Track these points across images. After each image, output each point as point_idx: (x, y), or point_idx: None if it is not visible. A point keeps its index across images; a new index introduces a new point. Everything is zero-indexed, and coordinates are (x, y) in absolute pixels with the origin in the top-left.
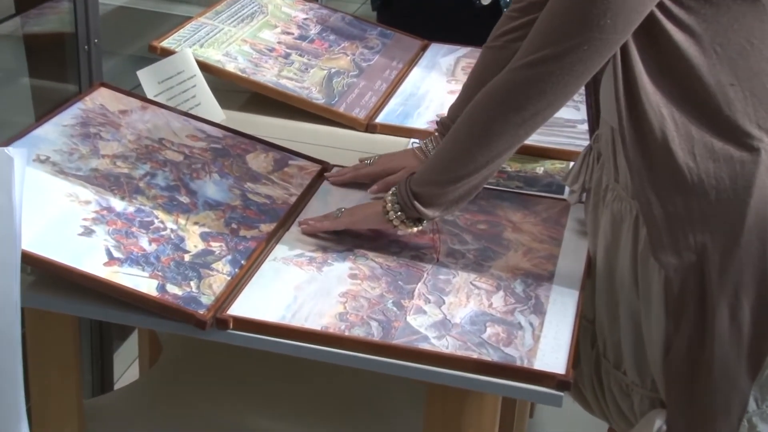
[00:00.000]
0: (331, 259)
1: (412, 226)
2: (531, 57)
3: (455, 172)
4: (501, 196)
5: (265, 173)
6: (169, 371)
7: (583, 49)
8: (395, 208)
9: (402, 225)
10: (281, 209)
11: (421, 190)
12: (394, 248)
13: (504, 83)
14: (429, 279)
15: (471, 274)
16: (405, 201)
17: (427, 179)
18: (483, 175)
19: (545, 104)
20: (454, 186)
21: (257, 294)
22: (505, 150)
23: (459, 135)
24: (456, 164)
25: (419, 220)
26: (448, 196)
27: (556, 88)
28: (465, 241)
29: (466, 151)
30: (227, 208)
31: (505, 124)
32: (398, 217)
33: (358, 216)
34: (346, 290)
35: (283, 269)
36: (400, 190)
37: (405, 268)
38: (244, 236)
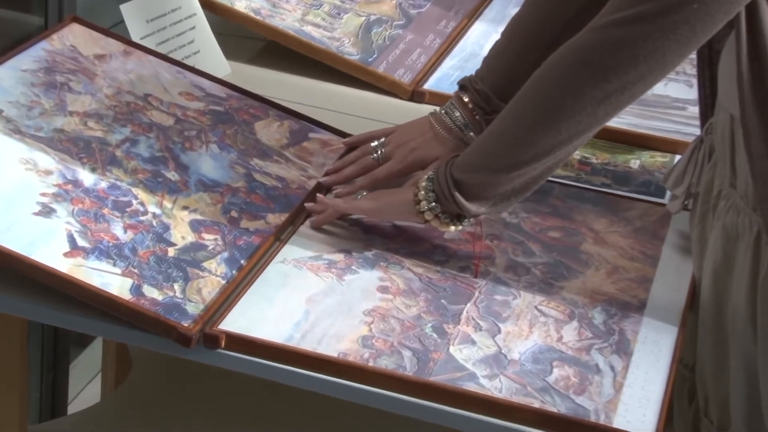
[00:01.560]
0: (357, 265)
1: (449, 224)
2: (621, 13)
3: (512, 157)
4: (581, 195)
5: (278, 148)
6: (140, 394)
7: (692, 7)
8: (429, 197)
9: (436, 220)
10: (296, 196)
11: (466, 177)
12: (439, 256)
13: (582, 46)
14: (481, 299)
15: (537, 296)
16: (443, 190)
17: (475, 164)
18: (546, 165)
19: (636, 76)
20: (507, 175)
21: (258, 305)
22: (578, 134)
23: (519, 109)
24: (513, 147)
25: (459, 218)
26: (498, 187)
27: (652, 57)
28: (531, 252)
29: (527, 132)
30: (227, 190)
31: (580, 100)
32: (432, 210)
33: (381, 202)
34: (374, 307)
35: (294, 275)
36: (438, 176)
37: (451, 283)
38: (246, 228)
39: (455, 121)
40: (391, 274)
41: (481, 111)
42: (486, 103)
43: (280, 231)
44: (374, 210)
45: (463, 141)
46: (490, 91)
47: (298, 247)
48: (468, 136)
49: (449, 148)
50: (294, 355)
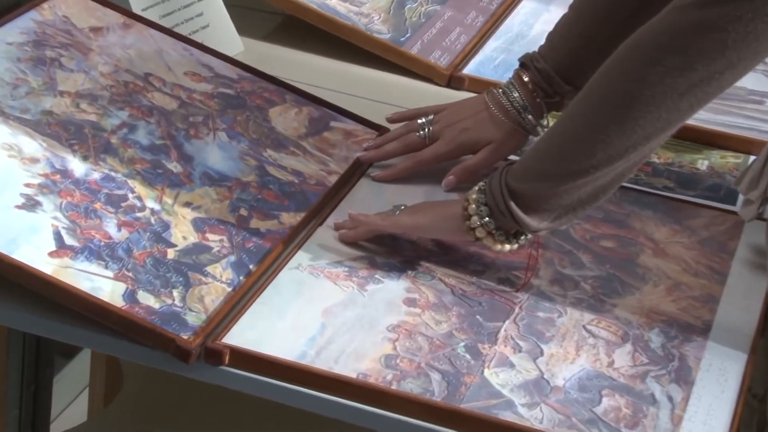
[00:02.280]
0: (381, 274)
1: (505, 242)
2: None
3: (578, 162)
4: (640, 200)
5: (296, 137)
6: (131, 413)
7: None
8: (482, 212)
9: (489, 238)
10: (314, 193)
11: (524, 187)
12: (475, 265)
13: (662, 29)
14: (522, 316)
15: (585, 315)
16: (497, 203)
17: (535, 171)
18: (618, 170)
19: (724, 64)
20: (573, 183)
21: (268, 317)
22: (656, 132)
23: (587, 104)
24: (580, 150)
25: (516, 235)
26: (562, 198)
27: (743, 42)
28: (580, 264)
29: (597, 131)
30: (236, 185)
31: (660, 92)
32: (484, 226)
33: (424, 218)
34: (399, 322)
35: (310, 283)
36: (491, 187)
37: (488, 297)
38: (257, 229)
39: (513, 102)
40: (419, 285)
41: (542, 92)
42: (548, 84)
43: (294, 233)
44: (416, 227)
45: (521, 125)
46: (552, 71)
47: (314, 251)
48: (526, 120)
49: (504, 131)
50: (307, 375)
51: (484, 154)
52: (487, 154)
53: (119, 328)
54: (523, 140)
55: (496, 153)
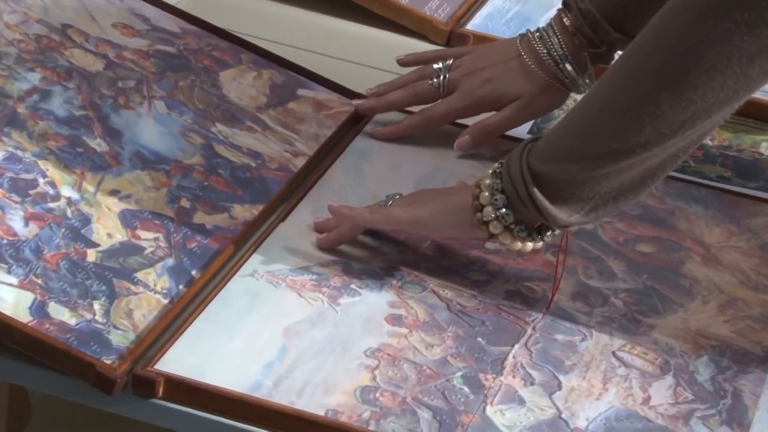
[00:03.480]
0: (359, 284)
1: (525, 239)
2: None
3: (621, 138)
4: (687, 192)
5: (253, 109)
6: None
7: None
8: (497, 201)
9: (506, 235)
10: (275, 180)
11: (551, 170)
12: (477, 274)
13: None
14: (536, 339)
15: (615, 338)
16: (518, 190)
17: (565, 149)
18: (673, 149)
19: None
20: (615, 165)
21: (215, 337)
22: (719, 104)
23: (635, 66)
24: (624, 123)
25: (540, 230)
26: (600, 184)
27: None
28: (610, 274)
29: (646, 100)
30: (175, 168)
31: (725, 53)
32: (501, 220)
33: (424, 211)
34: (380, 345)
35: (268, 294)
36: (509, 170)
37: (493, 314)
38: (202, 225)
39: (550, 50)
40: (406, 298)
41: (585, 40)
42: (592, 30)
43: (249, 231)
44: (414, 221)
45: (558, 79)
46: (599, 14)
47: (274, 254)
48: (565, 72)
49: (536, 85)
50: (263, 411)
51: (509, 111)
52: (512, 112)
53: (25, 350)
54: (559, 98)
55: (524, 111)
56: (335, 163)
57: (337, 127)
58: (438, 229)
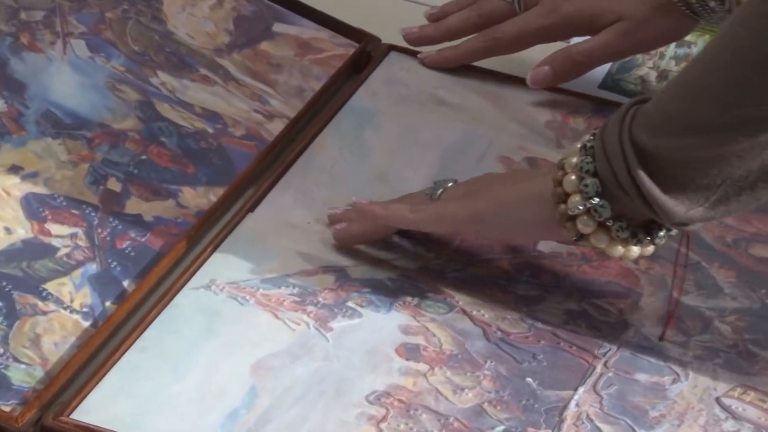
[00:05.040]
0: (358, 299)
1: (628, 242)
2: None
3: (761, 102)
4: None
5: (211, 51)
6: None
7: None
8: (587, 188)
9: (601, 236)
10: (242, 154)
11: (665, 146)
12: (525, 286)
13: None
14: (609, 379)
15: (720, 379)
16: (617, 173)
17: (683, 117)
18: None
19: None
20: (752, 140)
21: (156, 374)
22: None
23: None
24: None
25: (650, 229)
26: (732, 165)
27: None
28: (713, 287)
29: None
30: (101, 136)
31: None
32: (594, 214)
33: (486, 204)
34: (389, 388)
35: (230, 315)
36: (605, 144)
37: (548, 344)
38: (138, 216)
39: None
40: (427, 321)
41: None
42: None
43: (205, 224)
44: (474, 218)
45: None
46: None
47: (240, 257)
48: None
49: (650, 4)
50: None
51: (607, 36)
52: (610, 37)
53: None
54: (681, 27)
55: (627, 38)
56: (326, 129)
57: (330, 77)
58: (506, 229)
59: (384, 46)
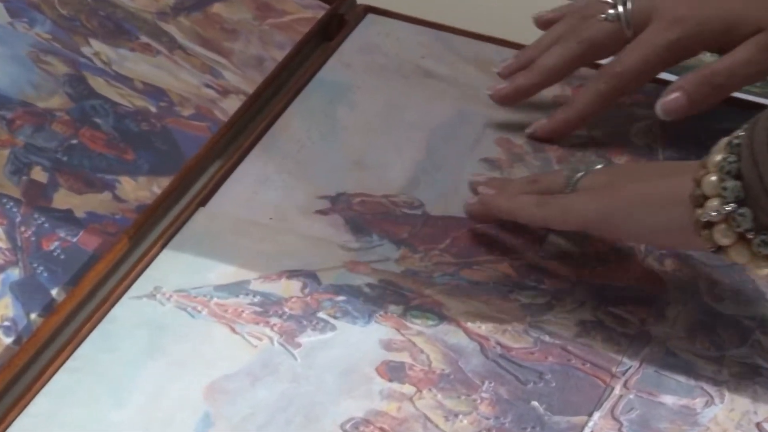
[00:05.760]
0: (331, 310)
1: None
2: None
3: None
4: None
5: (154, 15)
6: None
7: None
8: (726, 192)
9: (741, 250)
10: (191, 137)
11: None
12: (531, 292)
13: None
14: (630, 402)
15: (762, 401)
16: (763, 175)
17: None
18: None
19: None
20: None
21: (91, 401)
22: None
23: None
24: None
25: None
26: None
27: None
28: (753, 293)
29: None
30: (23, 117)
31: None
32: (732, 222)
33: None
34: (368, 414)
35: (179, 329)
36: (754, 138)
37: (557, 360)
38: (69, 212)
39: None
40: (413, 334)
41: None
42: None
43: (148, 221)
44: (604, 218)
45: None
46: None
47: (190, 261)
48: None
49: None
50: None
51: (749, 52)
52: (753, 52)
53: None
54: None
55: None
56: (291, 106)
57: (295, 45)
58: (637, 234)
59: (359, 8)
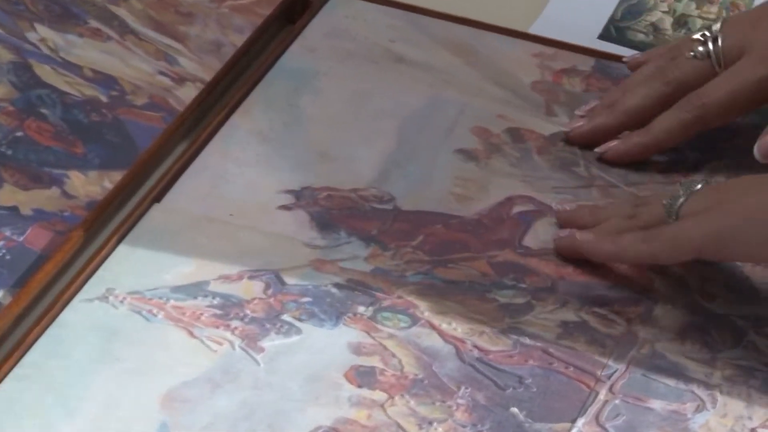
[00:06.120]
0: (296, 312)
1: None
2: None
3: None
4: None
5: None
6: None
7: None
8: None
9: None
10: (145, 128)
11: None
12: (510, 292)
13: None
14: (616, 408)
15: (757, 405)
16: None
17: None
18: None
19: None
20: None
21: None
22: None
23: None
24: None
25: None
26: None
27: None
28: (748, 290)
29: None
30: None
31: None
32: None
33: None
34: (336, 422)
35: (133, 333)
36: None
37: (539, 363)
38: (14, 210)
39: None
40: (384, 337)
41: None
42: None
43: (99, 217)
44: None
45: None
46: None
47: (145, 260)
48: None
49: None
50: None
51: None
52: None
53: None
54: None
55: None
56: (251, 94)
57: (255, 29)
58: (759, 252)
59: None
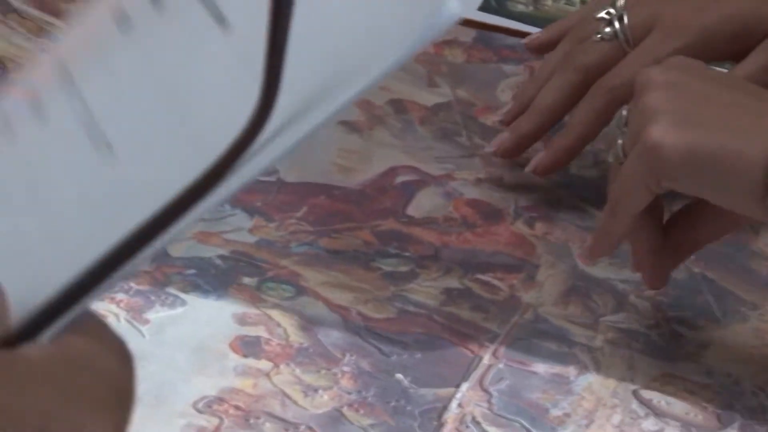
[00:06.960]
0: (181, 284)
1: None
2: None
3: None
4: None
5: None
6: None
7: None
8: None
9: None
10: None
11: None
12: (393, 260)
13: None
14: (500, 371)
15: (638, 369)
16: None
17: None
18: None
19: None
20: None
21: None
22: None
23: None
24: None
25: None
26: None
27: None
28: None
29: None
30: None
31: None
32: None
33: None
34: (222, 392)
35: None
36: None
37: (423, 330)
38: None
39: None
40: (268, 307)
41: None
42: None
43: None
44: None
45: None
46: None
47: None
48: None
49: None
50: None
51: (763, 58)
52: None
53: None
54: None
55: None
56: None
57: None
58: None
59: None
